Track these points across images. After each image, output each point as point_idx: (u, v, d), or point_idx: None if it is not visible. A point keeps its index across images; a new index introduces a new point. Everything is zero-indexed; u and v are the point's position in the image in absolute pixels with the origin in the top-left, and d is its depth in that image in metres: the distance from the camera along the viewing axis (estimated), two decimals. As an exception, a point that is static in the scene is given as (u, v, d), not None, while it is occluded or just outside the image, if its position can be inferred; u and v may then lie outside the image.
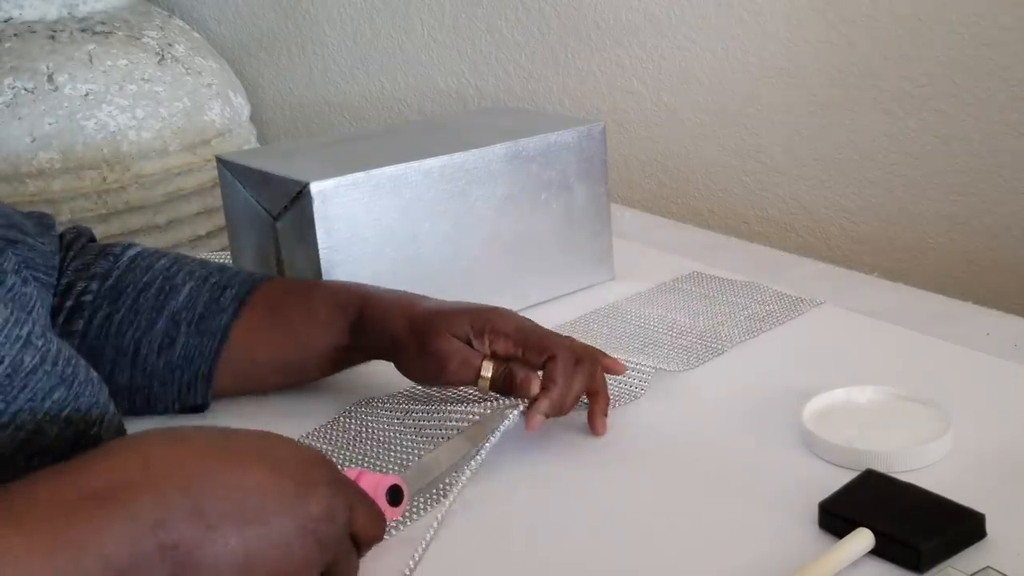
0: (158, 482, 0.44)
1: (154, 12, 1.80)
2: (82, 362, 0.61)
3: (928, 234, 1.40)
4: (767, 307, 0.96)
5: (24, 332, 0.56)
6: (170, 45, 1.71)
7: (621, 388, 0.80)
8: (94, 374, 0.61)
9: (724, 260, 1.08)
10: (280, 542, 0.46)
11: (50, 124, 1.53)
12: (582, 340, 0.90)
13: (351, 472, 0.59)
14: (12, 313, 0.56)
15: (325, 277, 0.86)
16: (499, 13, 1.69)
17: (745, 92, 1.49)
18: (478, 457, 0.68)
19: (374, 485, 0.58)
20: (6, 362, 0.55)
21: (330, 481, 0.50)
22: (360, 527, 0.51)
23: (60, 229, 0.79)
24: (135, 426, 0.68)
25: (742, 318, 0.94)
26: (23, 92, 1.53)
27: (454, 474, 0.68)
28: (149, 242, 1.61)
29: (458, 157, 0.92)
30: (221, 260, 1.14)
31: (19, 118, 1.52)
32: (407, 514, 0.66)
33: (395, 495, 0.59)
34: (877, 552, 0.58)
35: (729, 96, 1.51)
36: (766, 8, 1.44)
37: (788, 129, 1.47)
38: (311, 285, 0.82)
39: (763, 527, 0.62)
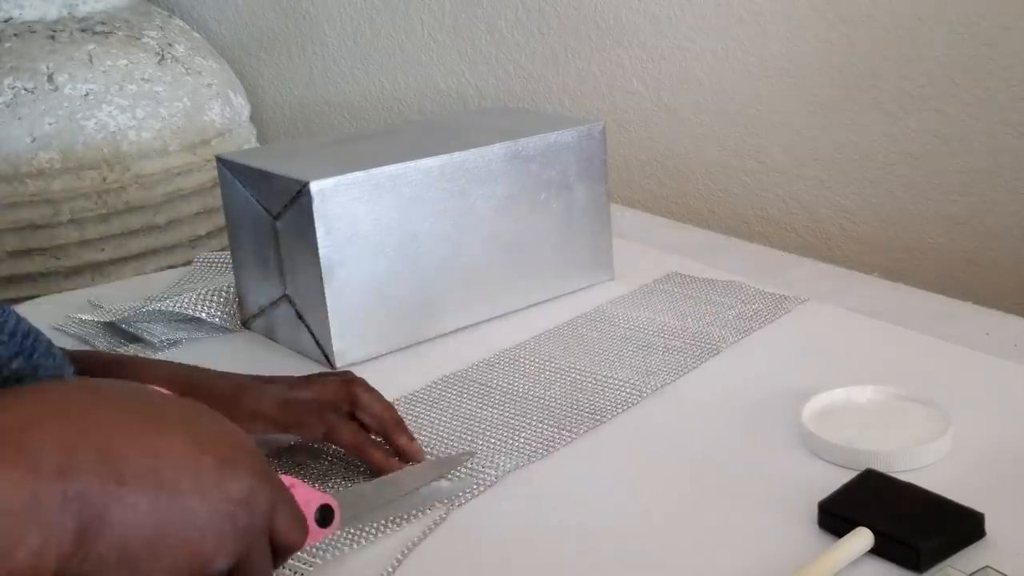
0: (69, 430, 0.41)
1: (154, 12, 1.80)
2: (43, 338, 0.59)
3: (928, 234, 1.40)
4: (753, 306, 0.95)
5: None
6: (170, 45, 1.71)
7: (616, 398, 0.80)
8: (57, 350, 0.60)
9: (724, 260, 1.08)
10: (192, 520, 0.43)
11: (50, 124, 1.53)
12: (569, 346, 0.90)
13: (284, 479, 0.53)
14: None
15: (325, 276, 0.86)
16: (499, 13, 1.69)
17: (745, 92, 1.49)
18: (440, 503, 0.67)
19: (304, 500, 0.53)
20: None
21: (255, 470, 0.46)
22: (280, 528, 0.47)
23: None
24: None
25: (730, 317, 0.94)
26: (23, 92, 1.53)
27: (412, 506, 0.66)
28: (149, 242, 1.61)
29: (458, 157, 0.92)
30: (221, 260, 1.14)
31: (19, 118, 1.52)
32: (354, 533, 0.64)
33: (325, 515, 0.55)
34: (877, 551, 0.58)
35: (729, 96, 1.51)
36: (766, 8, 1.44)
37: (788, 129, 1.47)
38: None
39: (763, 527, 0.62)
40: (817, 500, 0.62)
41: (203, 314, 0.98)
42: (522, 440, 0.75)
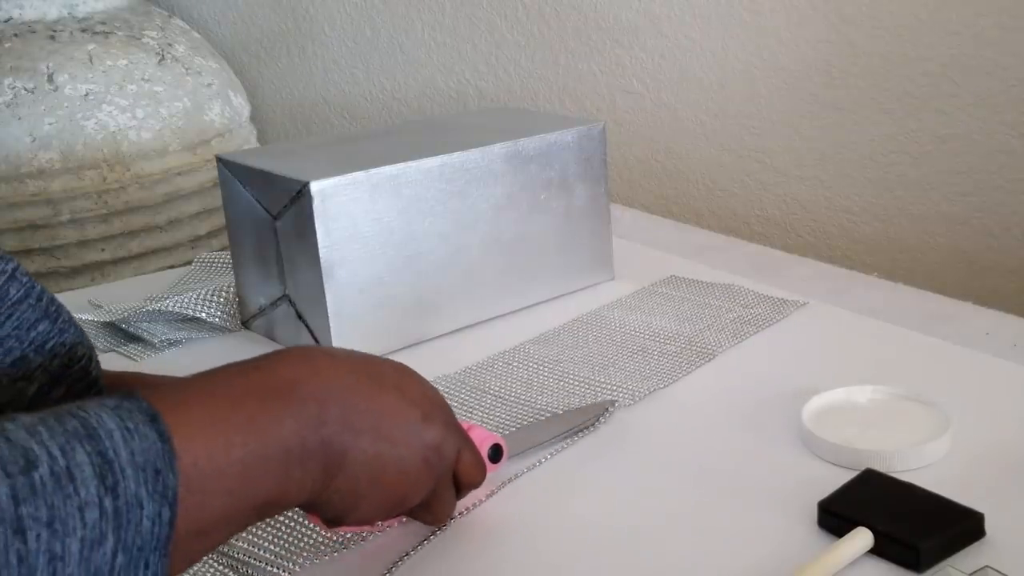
0: (322, 389, 0.51)
1: (154, 12, 1.80)
2: (64, 306, 0.62)
3: (928, 234, 1.40)
4: (752, 310, 0.95)
5: (9, 268, 0.59)
6: (170, 45, 1.71)
7: (611, 400, 0.80)
8: (76, 320, 0.63)
9: (724, 260, 1.08)
10: (401, 462, 0.54)
11: (50, 124, 1.53)
12: (565, 349, 0.89)
13: (463, 424, 0.63)
14: None
15: (325, 277, 0.86)
16: (499, 13, 1.69)
17: (745, 92, 1.49)
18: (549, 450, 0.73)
19: (480, 439, 0.65)
20: None
21: (446, 421, 0.58)
22: (463, 468, 0.59)
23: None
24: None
25: (728, 321, 0.93)
26: (23, 92, 1.53)
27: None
28: (149, 242, 1.61)
29: (458, 156, 0.92)
30: (221, 260, 1.14)
31: (19, 118, 1.52)
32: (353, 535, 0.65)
33: (496, 452, 0.66)
34: (876, 551, 0.58)
35: (729, 96, 1.51)
36: (766, 8, 1.44)
37: (788, 129, 1.47)
38: None
39: (763, 527, 0.62)
40: (817, 500, 0.62)
41: (203, 314, 0.98)
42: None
